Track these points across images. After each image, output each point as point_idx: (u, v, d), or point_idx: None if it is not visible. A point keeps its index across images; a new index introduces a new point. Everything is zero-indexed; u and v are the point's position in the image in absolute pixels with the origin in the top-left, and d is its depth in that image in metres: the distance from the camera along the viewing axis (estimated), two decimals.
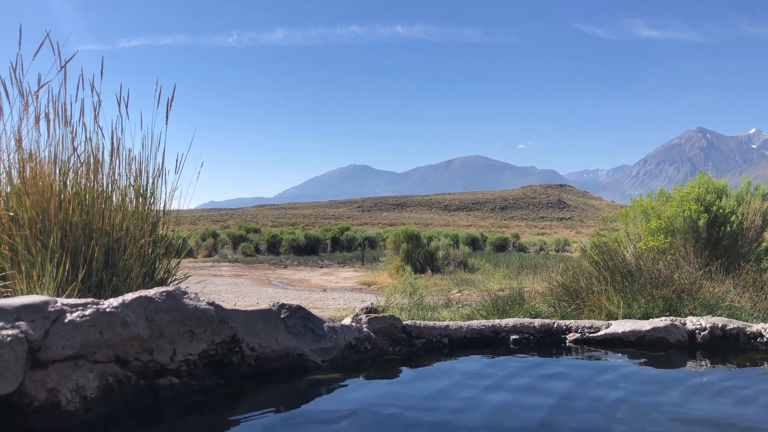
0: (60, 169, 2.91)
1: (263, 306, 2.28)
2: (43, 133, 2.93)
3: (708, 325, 2.89)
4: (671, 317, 3.02)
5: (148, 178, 3.21)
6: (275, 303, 2.31)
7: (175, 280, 3.33)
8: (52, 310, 1.65)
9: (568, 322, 2.98)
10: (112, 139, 3.13)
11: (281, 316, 2.27)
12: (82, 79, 3.02)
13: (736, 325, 2.89)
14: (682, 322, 2.95)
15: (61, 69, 2.94)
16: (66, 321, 1.65)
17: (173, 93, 3.21)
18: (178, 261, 3.48)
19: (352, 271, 15.75)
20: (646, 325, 2.89)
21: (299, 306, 2.35)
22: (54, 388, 1.60)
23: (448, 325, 2.79)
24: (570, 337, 2.89)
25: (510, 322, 2.93)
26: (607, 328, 2.90)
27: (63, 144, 2.96)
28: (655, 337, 2.83)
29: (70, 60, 2.96)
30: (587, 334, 2.88)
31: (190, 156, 3.38)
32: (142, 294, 1.89)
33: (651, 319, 3.01)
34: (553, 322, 2.96)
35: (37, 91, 2.92)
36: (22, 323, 1.56)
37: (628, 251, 5.20)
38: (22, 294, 2.43)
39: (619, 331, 2.86)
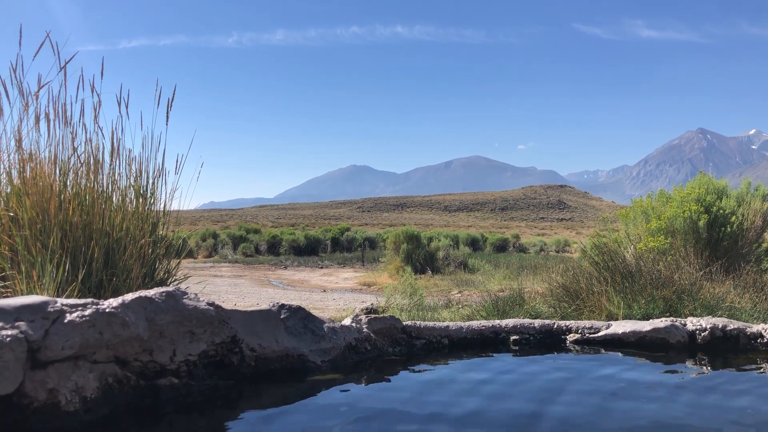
0: (60, 170, 2.91)
1: (263, 306, 2.28)
2: (44, 134, 2.94)
3: (708, 326, 2.89)
4: (671, 318, 3.02)
5: (148, 178, 3.22)
6: (275, 303, 2.30)
7: (175, 280, 3.33)
8: (52, 310, 1.65)
9: (568, 322, 2.98)
10: (113, 139, 3.13)
11: (281, 317, 2.26)
12: (83, 80, 3.02)
13: (736, 326, 2.89)
14: (683, 322, 2.95)
15: (61, 69, 2.95)
16: (66, 321, 1.65)
17: (174, 93, 3.21)
18: (178, 261, 3.48)
19: (353, 271, 15.75)
20: (646, 325, 2.88)
21: (299, 306, 2.34)
22: (54, 389, 1.60)
23: (448, 326, 2.79)
24: (570, 338, 2.89)
25: (510, 322, 2.93)
26: (607, 328, 2.90)
27: (63, 144, 2.96)
28: (655, 338, 2.83)
29: (70, 60, 2.97)
30: (587, 335, 2.88)
31: (190, 156, 3.39)
32: (142, 294, 1.88)
33: (651, 320, 3.01)
34: (553, 323, 2.96)
35: (38, 91, 2.92)
36: (21, 323, 1.56)
37: (628, 252, 5.20)
38: (22, 294, 2.43)
39: (620, 332, 2.86)
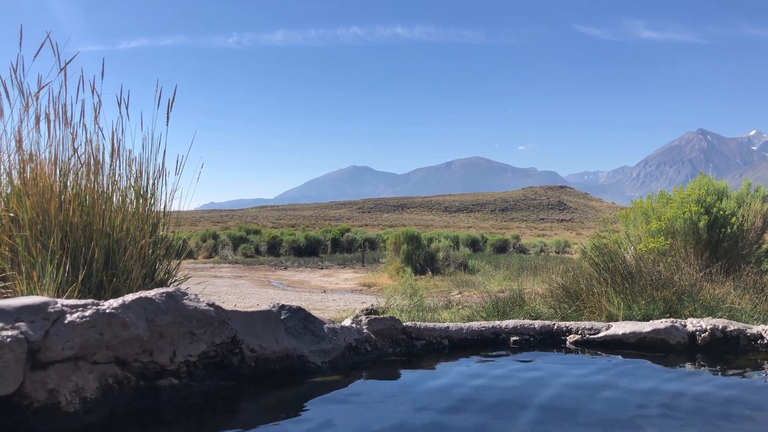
0: (60, 170, 2.91)
1: (263, 307, 2.28)
2: (44, 134, 2.94)
3: (708, 327, 2.89)
4: (671, 319, 3.02)
5: (148, 179, 3.22)
6: (275, 304, 2.30)
7: (175, 281, 3.33)
8: (52, 311, 1.65)
9: (568, 323, 2.98)
10: (113, 140, 3.13)
11: (281, 318, 2.26)
12: (83, 80, 3.02)
13: (736, 327, 2.89)
14: (683, 323, 2.95)
15: (61, 70, 2.95)
16: (66, 322, 1.65)
17: (174, 94, 3.21)
18: (178, 262, 3.48)
19: (353, 272, 15.75)
20: (646, 326, 2.88)
21: (299, 307, 2.34)
22: (54, 389, 1.60)
23: (448, 327, 2.79)
24: (570, 339, 2.89)
25: (510, 323, 2.93)
26: (607, 329, 2.90)
27: (63, 145, 2.96)
28: (655, 339, 2.83)
29: (70, 61, 2.97)
30: (587, 336, 2.88)
31: (190, 157, 3.39)
32: (142, 295, 1.88)
33: (651, 321, 3.00)
34: (553, 324, 2.96)
35: (38, 92, 2.92)
36: (22, 324, 1.56)
37: (628, 253, 5.20)
38: (23, 295, 2.43)
39: (620, 333, 2.86)
